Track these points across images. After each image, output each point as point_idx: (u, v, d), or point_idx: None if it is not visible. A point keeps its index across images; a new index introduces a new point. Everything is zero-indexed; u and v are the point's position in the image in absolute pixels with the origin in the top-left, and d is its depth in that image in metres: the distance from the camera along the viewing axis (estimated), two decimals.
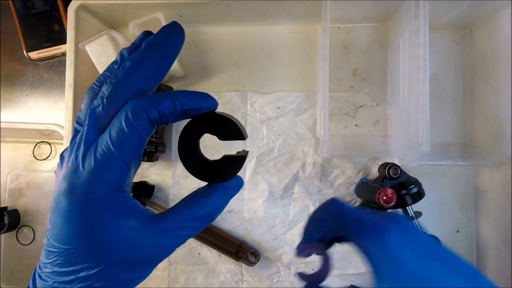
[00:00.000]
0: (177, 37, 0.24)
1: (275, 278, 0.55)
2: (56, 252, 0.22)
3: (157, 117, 0.22)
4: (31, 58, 0.60)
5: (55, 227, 0.22)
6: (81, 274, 0.22)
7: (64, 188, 0.21)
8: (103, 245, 0.22)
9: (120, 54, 0.24)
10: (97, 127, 0.22)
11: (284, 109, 0.55)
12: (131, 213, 0.22)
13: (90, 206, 0.21)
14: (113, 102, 0.22)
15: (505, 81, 0.46)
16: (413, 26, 0.44)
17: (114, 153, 0.21)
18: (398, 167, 0.48)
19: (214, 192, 0.24)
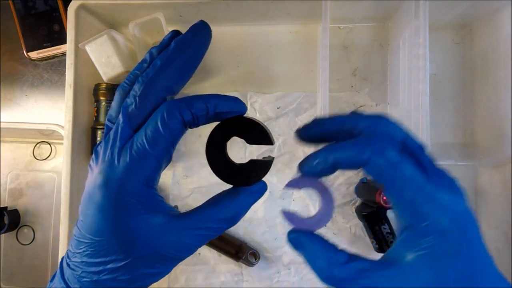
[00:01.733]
0: (204, 35, 0.25)
1: (275, 278, 0.55)
2: (86, 243, 0.23)
3: (190, 119, 0.23)
4: (31, 58, 0.60)
5: (88, 218, 0.23)
6: (109, 266, 0.23)
7: (100, 181, 0.22)
8: (131, 239, 0.23)
9: (149, 53, 0.25)
10: (131, 125, 0.23)
11: (284, 109, 0.55)
12: (158, 209, 0.23)
13: (123, 200, 0.22)
14: (145, 100, 0.23)
15: (505, 81, 0.46)
16: (413, 26, 0.44)
17: (148, 150, 0.22)
18: None
19: (239, 195, 0.25)
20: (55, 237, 0.60)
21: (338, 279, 0.22)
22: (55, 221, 0.60)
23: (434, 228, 0.21)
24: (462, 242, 0.21)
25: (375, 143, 0.21)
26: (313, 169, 0.23)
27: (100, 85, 0.52)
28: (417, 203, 0.21)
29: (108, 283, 0.23)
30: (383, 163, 0.21)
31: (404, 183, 0.21)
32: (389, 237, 0.50)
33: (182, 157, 0.55)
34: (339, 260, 0.23)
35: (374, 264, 0.22)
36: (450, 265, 0.20)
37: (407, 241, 0.22)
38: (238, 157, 0.55)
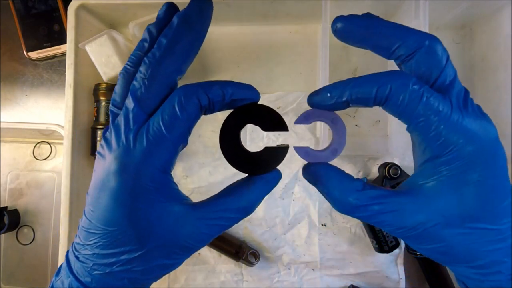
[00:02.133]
0: (208, 8, 0.24)
1: (275, 278, 0.55)
2: (98, 234, 0.22)
3: (206, 103, 0.22)
4: (31, 58, 0.60)
5: (100, 208, 0.22)
6: (123, 257, 0.22)
7: (115, 167, 0.21)
8: (148, 228, 0.22)
9: (147, 30, 0.23)
10: (143, 108, 0.22)
11: (284, 109, 0.55)
12: (175, 198, 0.23)
13: (140, 187, 0.21)
14: (154, 83, 0.22)
15: (505, 81, 0.46)
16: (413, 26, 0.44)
17: (166, 135, 0.21)
18: (398, 167, 0.48)
19: (254, 184, 0.24)
20: (55, 237, 0.60)
21: (353, 206, 0.22)
22: (55, 221, 0.60)
23: (459, 155, 0.20)
24: (487, 172, 0.20)
25: (397, 78, 0.21)
26: (325, 102, 0.22)
27: (100, 85, 0.52)
28: (443, 133, 0.20)
29: (121, 274, 0.22)
30: (406, 96, 0.20)
31: (430, 114, 0.20)
32: (389, 237, 0.50)
33: (182, 157, 0.55)
34: (355, 187, 0.22)
35: (391, 192, 0.22)
36: (472, 194, 0.20)
37: (428, 171, 0.22)
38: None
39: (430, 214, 0.21)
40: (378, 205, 0.21)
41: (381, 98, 0.21)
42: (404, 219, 0.21)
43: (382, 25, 0.23)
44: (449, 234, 0.21)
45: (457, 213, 0.21)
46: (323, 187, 0.23)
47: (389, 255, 0.53)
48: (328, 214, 0.55)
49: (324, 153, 0.24)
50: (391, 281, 0.53)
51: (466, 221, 0.21)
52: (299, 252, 0.54)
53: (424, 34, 0.22)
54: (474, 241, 0.21)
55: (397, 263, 0.53)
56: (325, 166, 0.24)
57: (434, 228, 0.21)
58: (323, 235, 0.54)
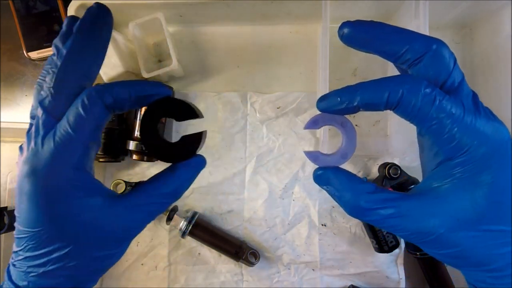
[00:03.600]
0: (103, 16, 0.25)
1: (275, 278, 0.55)
2: (26, 237, 0.23)
3: (112, 102, 0.23)
4: (31, 58, 0.60)
5: (22, 212, 0.23)
6: (54, 255, 0.22)
7: (26, 171, 0.22)
8: (70, 224, 0.22)
9: (54, 45, 0.25)
10: (51, 115, 0.23)
11: (284, 109, 0.55)
12: (95, 191, 0.23)
13: (53, 186, 0.22)
14: (59, 90, 0.23)
15: (505, 81, 0.46)
16: (413, 26, 0.44)
17: (72, 135, 0.22)
18: (398, 167, 0.48)
19: (177, 170, 0.25)
20: None
21: (365, 209, 0.22)
22: None
23: (473, 157, 0.20)
24: (500, 173, 0.20)
25: (408, 82, 0.21)
26: (335, 107, 0.23)
27: None
28: (457, 135, 0.20)
29: (56, 272, 0.23)
30: (419, 100, 0.20)
31: (443, 117, 0.20)
32: (389, 237, 0.50)
33: None
34: (366, 190, 0.22)
35: (403, 195, 0.22)
36: (486, 195, 0.20)
37: (441, 174, 0.22)
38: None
39: (445, 217, 0.21)
40: (390, 208, 0.21)
41: (393, 103, 0.21)
42: (417, 223, 0.21)
43: (388, 30, 0.23)
44: (463, 238, 0.21)
45: (471, 216, 0.20)
46: (334, 190, 0.23)
47: (389, 255, 0.53)
48: (328, 214, 0.55)
49: (334, 157, 0.24)
50: (391, 281, 0.53)
51: (480, 224, 0.20)
52: (299, 252, 0.54)
53: (431, 38, 0.22)
54: (488, 244, 0.21)
55: (397, 263, 0.53)
56: (335, 170, 0.24)
57: (449, 232, 0.21)
58: (323, 235, 0.54)
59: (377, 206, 0.22)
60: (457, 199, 0.21)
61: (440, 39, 0.22)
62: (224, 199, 0.55)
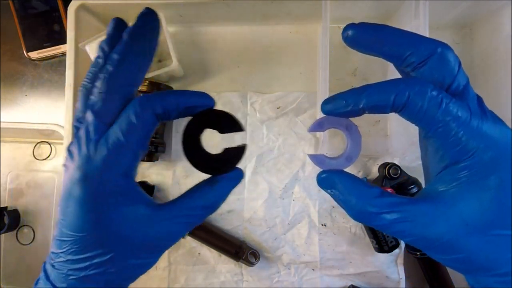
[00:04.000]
0: (153, 21, 0.26)
1: (275, 278, 0.55)
2: (70, 241, 0.23)
3: (161, 112, 0.23)
4: (31, 58, 0.60)
5: (69, 216, 0.23)
6: (95, 260, 0.23)
7: (78, 176, 0.22)
8: (115, 231, 0.23)
9: (100, 47, 0.25)
10: (102, 120, 0.23)
11: (284, 109, 0.55)
12: (140, 200, 0.24)
13: (103, 192, 0.23)
14: (110, 96, 0.23)
15: (505, 81, 0.46)
16: (413, 26, 0.44)
17: (124, 142, 0.23)
18: (398, 167, 0.48)
19: (217, 183, 0.25)
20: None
21: (371, 213, 0.21)
22: (55, 221, 0.60)
23: (480, 160, 0.20)
24: (507, 176, 0.20)
25: (415, 84, 0.21)
26: (340, 109, 0.23)
27: None
28: (463, 138, 0.20)
29: (96, 277, 0.23)
30: (425, 103, 0.20)
31: (449, 120, 0.20)
32: (389, 237, 0.50)
33: (182, 157, 0.55)
34: (372, 194, 0.22)
35: (410, 199, 0.22)
36: (494, 199, 0.20)
37: (447, 177, 0.21)
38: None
39: (452, 222, 0.20)
40: (397, 213, 0.21)
41: (399, 105, 0.21)
42: (424, 228, 0.21)
43: (392, 33, 0.23)
44: (471, 242, 0.20)
45: (479, 220, 0.20)
46: (339, 194, 0.23)
47: (389, 255, 0.53)
48: (328, 214, 0.55)
49: (338, 161, 0.24)
50: (391, 281, 0.53)
51: (488, 228, 0.20)
52: (299, 252, 0.54)
53: (436, 41, 0.22)
54: (497, 249, 0.20)
55: (397, 263, 0.53)
56: (340, 173, 0.24)
57: (457, 237, 0.20)
58: (323, 235, 0.54)
59: (384, 210, 0.21)
60: (465, 204, 0.20)
61: (445, 43, 0.22)
62: None
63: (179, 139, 0.54)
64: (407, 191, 0.48)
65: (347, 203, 0.23)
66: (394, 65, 0.24)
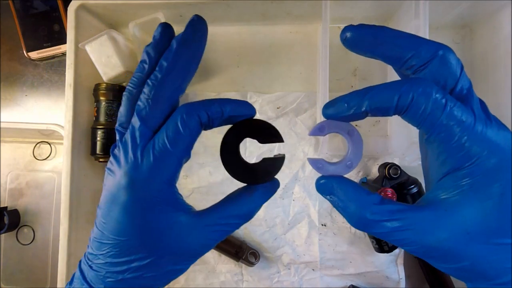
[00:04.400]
0: (203, 30, 0.25)
1: (275, 278, 0.55)
2: (110, 244, 0.23)
3: (206, 120, 0.23)
4: (31, 58, 0.60)
5: (111, 220, 0.23)
6: (133, 264, 0.23)
7: (125, 182, 0.23)
8: (155, 237, 0.23)
9: (146, 53, 0.25)
10: (148, 126, 0.23)
11: (284, 109, 0.55)
12: (181, 208, 0.24)
13: (149, 200, 0.23)
14: (157, 103, 0.23)
15: (505, 81, 0.46)
16: (413, 26, 0.44)
17: (170, 150, 0.23)
18: (398, 167, 0.48)
19: (254, 192, 0.26)
20: (55, 237, 0.60)
21: (370, 221, 0.21)
22: (55, 221, 0.60)
23: (483, 167, 0.20)
24: (510, 184, 0.20)
25: (418, 86, 0.20)
26: (342, 113, 0.22)
27: (100, 85, 0.52)
28: (467, 144, 0.20)
29: (133, 281, 0.23)
30: (429, 106, 0.20)
31: (453, 124, 0.20)
32: None
33: None
34: (372, 201, 0.22)
35: (410, 207, 0.21)
36: (496, 207, 0.20)
37: (449, 184, 0.21)
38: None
39: (454, 231, 0.20)
40: (398, 221, 0.20)
41: (403, 107, 0.20)
42: (426, 236, 0.20)
43: (392, 34, 0.22)
44: (473, 251, 0.20)
45: (482, 228, 0.20)
46: (338, 201, 0.23)
47: (389, 255, 0.53)
48: (328, 214, 0.55)
49: (338, 166, 0.24)
50: (391, 281, 0.53)
51: (490, 237, 0.20)
52: (299, 252, 0.54)
53: (437, 44, 0.21)
54: (498, 257, 0.20)
55: (397, 263, 0.53)
56: (339, 179, 0.23)
57: (459, 246, 0.20)
58: (323, 235, 0.54)
59: (384, 218, 0.21)
60: (467, 212, 0.20)
61: (446, 45, 0.21)
62: None
63: None
64: (407, 191, 0.48)
65: (347, 210, 0.22)
66: (394, 67, 0.24)
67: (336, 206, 0.23)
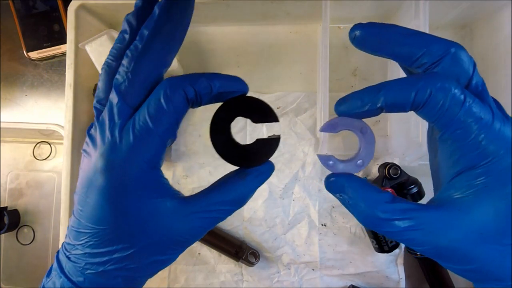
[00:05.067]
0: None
1: (275, 278, 0.55)
2: (88, 233, 0.21)
3: (193, 96, 0.21)
4: (31, 58, 0.60)
5: (88, 207, 0.21)
6: (115, 255, 0.21)
7: (101, 165, 0.21)
8: (138, 225, 0.21)
9: (126, 21, 0.22)
10: (127, 103, 0.21)
11: (284, 109, 0.55)
12: (166, 193, 0.22)
13: (128, 184, 0.21)
14: (138, 76, 0.21)
15: (505, 81, 0.46)
16: (413, 26, 0.44)
17: (152, 129, 0.21)
18: (398, 167, 0.48)
19: (247, 176, 0.24)
20: (55, 237, 0.61)
21: (381, 219, 0.20)
22: (55, 221, 0.61)
23: (498, 166, 0.19)
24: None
25: (436, 81, 0.19)
26: (356, 109, 0.21)
27: None
28: (484, 142, 0.19)
29: (115, 272, 0.22)
30: (447, 101, 0.19)
31: (471, 121, 0.19)
32: None
33: (182, 157, 0.55)
34: (383, 199, 0.21)
35: (422, 206, 0.21)
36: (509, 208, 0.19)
37: (462, 183, 0.20)
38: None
39: (467, 231, 0.20)
40: (408, 220, 0.20)
41: (420, 102, 0.20)
42: (438, 236, 0.20)
43: (402, 32, 0.21)
44: (485, 252, 0.20)
45: (495, 229, 0.19)
46: (348, 199, 0.22)
47: (389, 255, 0.53)
48: (328, 214, 0.55)
49: (349, 164, 0.23)
50: (391, 281, 0.53)
51: (503, 238, 0.19)
52: (299, 252, 0.54)
53: (449, 41, 0.21)
54: (510, 258, 0.20)
55: (397, 263, 0.53)
56: (349, 177, 0.23)
57: (471, 247, 0.20)
58: (323, 235, 0.54)
59: (395, 217, 0.20)
60: (481, 212, 0.20)
61: (458, 43, 0.21)
62: None
63: (180, 140, 0.54)
64: (407, 191, 0.48)
65: (357, 208, 0.22)
66: (403, 65, 0.23)
67: (345, 205, 0.23)
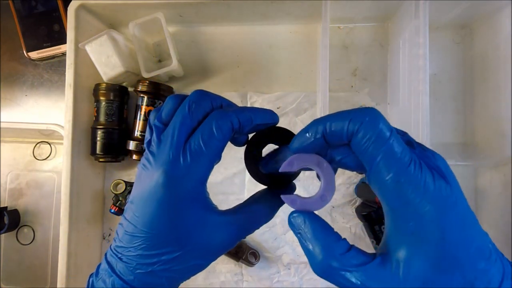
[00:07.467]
0: None
1: (275, 278, 0.55)
2: (142, 237, 0.25)
3: (237, 127, 0.25)
4: (31, 58, 0.60)
5: (145, 214, 0.25)
6: (164, 257, 0.25)
7: (163, 180, 0.24)
8: (186, 232, 0.25)
9: None
10: (186, 128, 0.25)
11: (284, 109, 0.55)
12: (210, 206, 0.26)
13: (184, 197, 0.25)
14: (199, 108, 0.25)
15: (505, 81, 0.46)
16: (413, 26, 0.44)
17: (204, 151, 0.25)
18: None
19: (275, 195, 0.28)
20: (55, 237, 0.60)
21: (332, 268, 0.21)
22: (55, 221, 0.61)
23: (416, 214, 0.20)
24: (446, 227, 0.20)
25: (367, 115, 0.21)
26: (305, 142, 0.23)
27: (100, 85, 0.52)
28: (400, 185, 0.20)
29: (162, 273, 0.25)
30: (373, 135, 0.20)
31: (390, 160, 0.20)
32: None
33: None
34: (340, 247, 0.22)
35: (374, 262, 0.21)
36: (440, 254, 0.20)
37: (393, 231, 0.22)
38: None
39: (410, 284, 0.20)
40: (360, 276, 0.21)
41: (351, 133, 0.21)
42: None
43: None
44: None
45: (433, 276, 0.20)
46: (305, 240, 0.23)
47: None
48: (328, 214, 0.55)
49: (312, 201, 0.23)
50: None
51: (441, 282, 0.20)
52: (299, 252, 0.54)
53: (365, 109, 0.22)
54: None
55: None
56: (311, 217, 0.23)
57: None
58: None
59: (347, 269, 0.21)
60: (415, 261, 0.20)
61: (374, 109, 0.22)
62: (224, 199, 0.55)
63: None
64: None
65: (310, 251, 0.22)
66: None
67: (301, 244, 0.23)
